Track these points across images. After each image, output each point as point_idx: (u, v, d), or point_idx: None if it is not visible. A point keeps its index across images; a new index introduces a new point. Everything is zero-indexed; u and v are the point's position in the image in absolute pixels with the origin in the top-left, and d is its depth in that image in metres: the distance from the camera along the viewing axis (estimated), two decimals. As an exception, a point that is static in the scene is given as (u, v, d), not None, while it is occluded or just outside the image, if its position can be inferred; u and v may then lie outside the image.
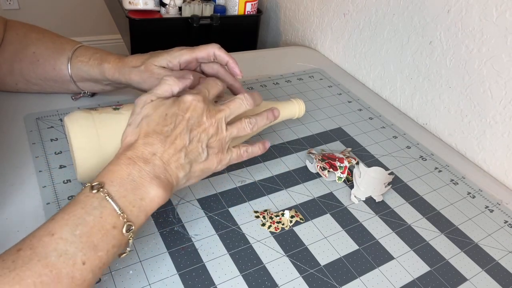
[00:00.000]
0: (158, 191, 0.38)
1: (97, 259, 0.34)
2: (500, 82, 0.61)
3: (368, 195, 0.55)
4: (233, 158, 0.46)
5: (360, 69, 0.87)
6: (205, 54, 0.55)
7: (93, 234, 0.34)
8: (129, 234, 0.36)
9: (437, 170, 0.63)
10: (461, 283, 0.46)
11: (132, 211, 0.37)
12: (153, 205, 0.38)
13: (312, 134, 0.67)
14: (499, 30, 0.59)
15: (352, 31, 0.87)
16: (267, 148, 0.51)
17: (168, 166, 0.40)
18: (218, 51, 0.55)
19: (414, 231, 0.51)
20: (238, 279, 0.43)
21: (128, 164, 0.38)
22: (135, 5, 0.99)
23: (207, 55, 0.55)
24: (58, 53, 0.59)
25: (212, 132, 0.43)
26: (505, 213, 0.56)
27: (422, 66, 0.73)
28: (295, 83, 0.81)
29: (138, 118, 0.41)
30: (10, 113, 0.60)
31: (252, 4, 1.08)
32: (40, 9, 2.00)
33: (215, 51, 0.55)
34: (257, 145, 0.50)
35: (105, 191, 0.36)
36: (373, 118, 0.73)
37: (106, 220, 0.35)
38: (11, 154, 0.53)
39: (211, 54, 0.55)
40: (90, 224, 0.34)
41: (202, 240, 0.46)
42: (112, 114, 0.46)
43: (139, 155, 0.39)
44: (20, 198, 0.48)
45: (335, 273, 0.45)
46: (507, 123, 0.61)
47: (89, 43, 0.65)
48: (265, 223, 0.49)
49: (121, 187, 0.37)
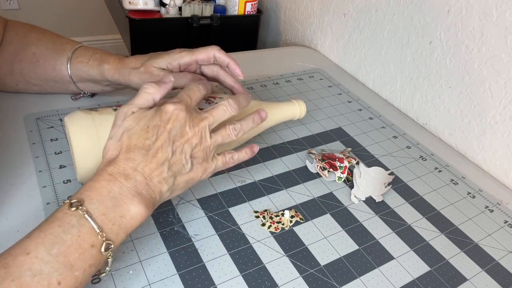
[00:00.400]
0: (139, 208, 0.37)
1: (74, 278, 0.33)
2: (500, 82, 0.61)
3: (368, 195, 0.55)
4: (218, 166, 0.45)
5: (360, 69, 0.87)
6: (205, 56, 0.54)
7: (70, 253, 0.33)
8: (107, 253, 0.35)
9: (437, 170, 0.63)
10: (461, 283, 0.46)
11: (111, 229, 0.36)
12: (134, 223, 0.38)
13: (312, 134, 0.67)
14: (499, 30, 0.59)
15: (352, 31, 0.87)
16: (255, 152, 0.50)
17: (150, 182, 0.39)
18: (218, 53, 0.55)
19: (414, 231, 0.51)
20: (238, 279, 0.43)
21: (109, 180, 0.37)
22: (135, 5, 0.99)
23: (207, 57, 0.55)
24: (58, 54, 0.59)
25: (195, 142, 0.42)
26: (505, 213, 0.56)
27: (422, 66, 0.73)
28: (295, 83, 0.81)
29: (120, 132, 0.41)
30: (10, 113, 0.60)
31: (252, 4, 1.08)
32: (40, 9, 2.00)
33: (215, 53, 0.55)
34: (243, 150, 0.48)
35: (83, 209, 0.35)
36: (373, 118, 0.73)
37: (84, 239, 0.34)
38: (11, 154, 0.53)
39: (211, 56, 0.55)
40: (68, 243, 0.33)
41: (202, 240, 0.46)
42: (112, 115, 0.46)
43: (120, 170, 0.38)
44: (20, 198, 0.48)
45: (335, 273, 0.45)
46: (507, 123, 0.61)
47: (89, 43, 0.65)
48: (265, 223, 0.49)
49: (100, 204, 0.36)
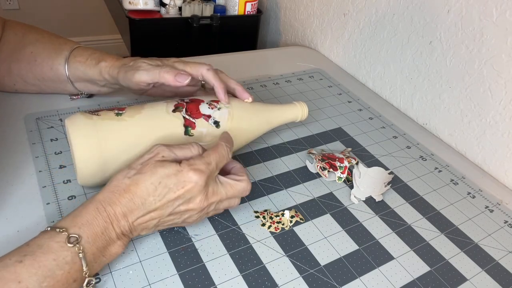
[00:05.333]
0: (119, 249, 0.40)
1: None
2: (500, 82, 0.61)
3: (368, 195, 0.55)
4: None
5: (360, 69, 0.87)
6: (194, 72, 0.53)
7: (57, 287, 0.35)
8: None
9: (437, 170, 0.63)
10: (461, 283, 0.46)
11: (93, 266, 0.38)
12: (109, 260, 0.40)
13: (312, 134, 0.67)
14: (499, 30, 0.59)
15: (352, 31, 0.87)
16: None
17: (135, 229, 0.41)
18: (207, 73, 0.53)
19: (414, 231, 0.51)
20: (238, 279, 0.43)
21: (105, 221, 0.38)
22: (135, 5, 0.99)
23: (195, 73, 0.53)
24: (55, 53, 0.59)
25: (197, 212, 0.42)
26: (505, 213, 0.56)
27: (422, 66, 0.73)
28: (295, 83, 0.81)
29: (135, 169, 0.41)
30: (10, 113, 0.60)
31: (252, 4, 1.08)
32: (40, 9, 2.00)
33: (202, 72, 0.53)
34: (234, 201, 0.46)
35: (80, 247, 0.36)
36: (373, 118, 0.73)
37: (72, 275, 0.36)
38: (11, 154, 0.53)
39: (199, 74, 0.53)
40: (58, 278, 0.35)
41: (202, 240, 0.46)
42: (115, 121, 0.46)
43: (117, 213, 0.39)
44: (20, 198, 0.48)
45: (335, 273, 0.45)
46: (507, 123, 0.61)
47: (89, 43, 0.65)
48: (265, 223, 0.49)
49: (93, 244, 0.37)
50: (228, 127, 0.52)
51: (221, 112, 0.52)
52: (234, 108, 0.53)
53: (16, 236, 0.43)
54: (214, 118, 0.51)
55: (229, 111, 0.53)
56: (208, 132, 0.51)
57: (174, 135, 0.49)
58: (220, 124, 0.52)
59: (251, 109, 0.55)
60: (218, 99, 0.53)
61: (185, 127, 0.49)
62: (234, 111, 0.53)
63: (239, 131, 0.53)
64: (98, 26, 2.17)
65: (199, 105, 0.51)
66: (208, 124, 0.51)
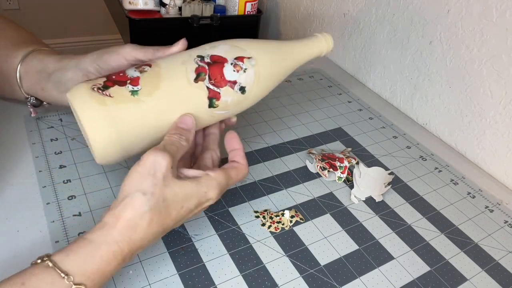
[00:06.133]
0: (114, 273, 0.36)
1: None
2: (500, 82, 0.61)
3: (368, 195, 0.55)
4: None
5: (360, 69, 0.87)
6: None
7: None
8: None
9: (437, 170, 0.63)
10: (461, 283, 0.46)
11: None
12: None
13: (312, 134, 0.67)
14: (499, 30, 0.59)
15: (352, 31, 0.87)
16: None
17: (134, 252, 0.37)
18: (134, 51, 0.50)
19: (414, 231, 0.51)
20: (238, 279, 0.43)
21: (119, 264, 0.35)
22: (135, 5, 0.99)
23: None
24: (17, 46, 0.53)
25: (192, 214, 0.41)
26: (505, 213, 0.56)
27: (422, 66, 0.73)
28: (295, 83, 0.81)
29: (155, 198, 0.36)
30: (10, 113, 0.60)
31: (252, 4, 1.08)
32: (40, 9, 2.00)
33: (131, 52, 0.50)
34: None
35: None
36: (373, 118, 0.73)
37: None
38: (11, 154, 0.53)
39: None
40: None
41: (202, 240, 0.46)
42: (132, 103, 0.40)
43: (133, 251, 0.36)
44: (20, 198, 0.48)
45: (335, 273, 0.45)
46: (507, 123, 0.61)
47: (89, 43, 0.65)
48: (265, 223, 0.49)
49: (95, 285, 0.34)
50: (253, 92, 0.47)
51: (247, 74, 0.46)
52: (260, 65, 0.47)
53: (16, 236, 0.43)
54: (240, 84, 0.45)
55: (255, 71, 0.46)
56: (232, 101, 0.46)
57: (198, 110, 0.44)
58: (246, 89, 0.46)
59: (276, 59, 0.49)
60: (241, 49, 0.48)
61: (209, 100, 0.44)
62: (260, 69, 0.47)
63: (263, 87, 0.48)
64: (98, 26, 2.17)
65: (223, 67, 0.45)
66: (233, 92, 0.45)
